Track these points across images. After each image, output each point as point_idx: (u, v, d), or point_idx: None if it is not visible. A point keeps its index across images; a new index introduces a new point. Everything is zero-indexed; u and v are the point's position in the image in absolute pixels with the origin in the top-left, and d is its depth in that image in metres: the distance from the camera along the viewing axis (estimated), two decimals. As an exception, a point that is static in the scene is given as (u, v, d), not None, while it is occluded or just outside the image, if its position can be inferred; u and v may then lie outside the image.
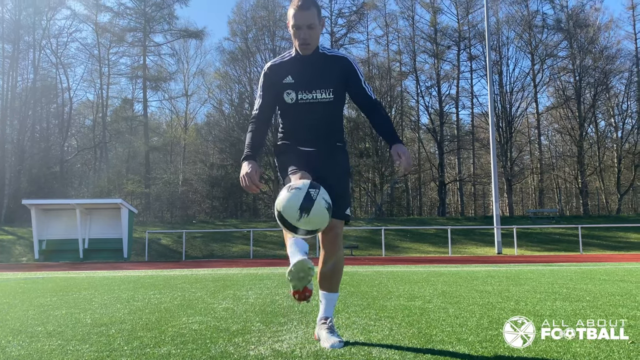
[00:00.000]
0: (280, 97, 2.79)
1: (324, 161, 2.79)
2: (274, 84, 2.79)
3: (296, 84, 2.75)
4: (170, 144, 45.28)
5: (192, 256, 25.75)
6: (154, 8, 44.03)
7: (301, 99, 2.75)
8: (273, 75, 2.80)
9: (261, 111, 2.81)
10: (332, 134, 2.87)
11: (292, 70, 2.78)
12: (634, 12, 41.37)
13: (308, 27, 2.67)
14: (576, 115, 40.59)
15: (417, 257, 21.87)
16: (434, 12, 43.63)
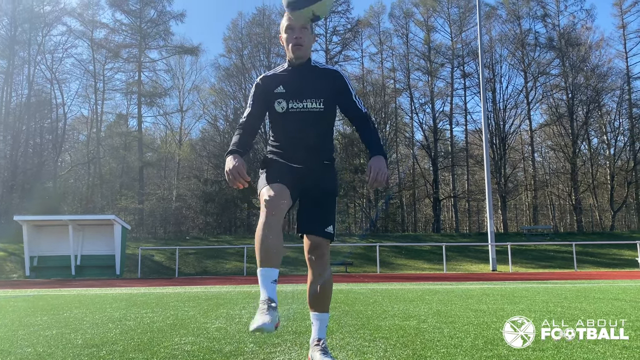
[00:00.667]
0: (271, 107, 2.78)
1: (311, 179, 2.74)
2: (265, 95, 2.79)
3: (287, 93, 2.75)
4: (164, 159, 45.22)
5: (185, 273, 25.54)
6: (149, 24, 44.29)
7: (291, 108, 2.74)
8: (264, 85, 2.80)
9: (248, 119, 2.79)
10: (321, 150, 2.83)
11: (284, 80, 2.79)
12: (624, 31, 42.02)
13: (301, 27, 2.72)
14: (569, 132, 40.92)
15: (412, 274, 21.79)
16: (428, 30, 44.15)
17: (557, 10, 43.52)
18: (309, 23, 2.74)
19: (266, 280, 2.37)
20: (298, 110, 2.74)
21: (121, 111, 45.47)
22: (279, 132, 2.83)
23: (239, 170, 2.47)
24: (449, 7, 44.35)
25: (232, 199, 41.78)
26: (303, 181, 2.72)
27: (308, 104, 2.75)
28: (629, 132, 40.62)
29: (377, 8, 46.05)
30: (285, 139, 2.80)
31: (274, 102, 2.76)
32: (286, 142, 2.80)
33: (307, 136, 2.77)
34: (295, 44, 2.73)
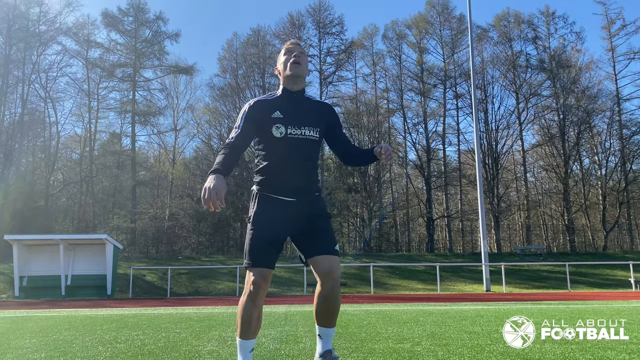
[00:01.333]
0: (267, 132, 2.81)
1: (306, 209, 2.84)
2: (259, 119, 2.83)
3: (285, 118, 2.80)
4: (157, 178, 45.09)
5: (177, 293, 25.28)
6: (144, 44, 44.57)
7: (290, 134, 2.79)
8: (259, 110, 2.85)
9: (237, 140, 2.81)
10: (312, 181, 2.91)
11: (281, 106, 2.85)
12: (613, 53, 42.66)
13: (300, 52, 2.91)
14: (561, 152, 41.25)
15: (406, 295, 21.68)
16: (420, 51, 44.67)
17: (548, 32, 44.25)
18: None
19: (244, 350, 2.68)
20: (296, 136, 2.81)
21: (115, 130, 45.50)
22: (274, 158, 2.83)
23: (217, 192, 2.46)
24: (441, 29, 45.01)
25: (225, 218, 41.63)
26: (296, 218, 2.80)
27: (306, 131, 2.82)
28: (620, 152, 41.00)
29: (371, 30, 46.69)
30: (280, 165, 2.81)
31: (271, 127, 2.80)
32: (281, 168, 2.81)
33: (303, 163, 2.84)
34: (294, 61, 2.86)
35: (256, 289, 2.64)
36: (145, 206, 42.38)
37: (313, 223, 2.82)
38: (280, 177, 2.81)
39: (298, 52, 2.91)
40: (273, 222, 2.76)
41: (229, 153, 2.74)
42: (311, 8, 45.35)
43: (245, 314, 2.62)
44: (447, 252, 41.64)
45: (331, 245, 2.80)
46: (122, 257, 30.84)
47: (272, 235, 2.73)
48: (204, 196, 2.45)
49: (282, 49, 2.99)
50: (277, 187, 2.81)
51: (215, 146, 44.92)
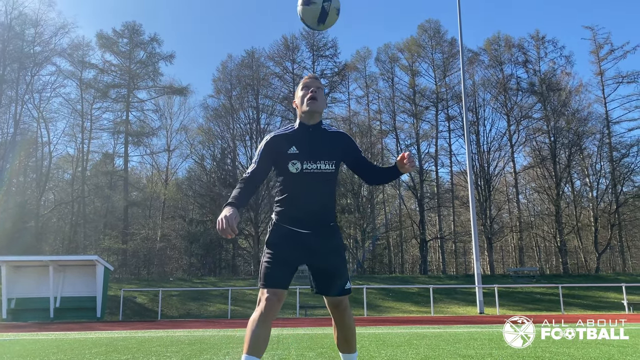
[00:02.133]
0: (284, 168, 2.89)
1: (320, 243, 2.90)
2: (275, 154, 2.92)
3: (301, 154, 2.87)
4: (149, 199, 44.86)
5: (168, 315, 24.96)
6: (139, 65, 44.80)
7: (306, 169, 2.86)
8: (276, 146, 2.92)
9: (253, 175, 2.89)
10: (328, 212, 2.98)
11: (297, 141, 2.91)
12: (602, 77, 43.32)
13: (317, 87, 2.95)
14: (552, 174, 41.54)
15: (400, 317, 21.52)
16: (413, 74, 45.19)
17: (538, 56, 44.94)
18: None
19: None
20: (312, 171, 2.88)
21: (108, 150, 45.41)
22: (290, 192, 2.92)
23: (230, 222, 2.57)
24: (433, 52, 45.61)
25: (217, 239, 41.35)
26: (310, 249, 2.88)
27: (321, 165, 2.89)
28: (610, 174, 41.34)
29: (364, 53, 47.28)
30: (296, 199, 2.91)
31: (287, 163, 2.88)
32: (297, 202, 2.90)
33: (319, 196, 2.92)
34: (311, 97, 2.90)
35: (268, 307, 2.69)
36: (137, 227, 42.09)
37: (327, 260, 2.91)
38: (297, 210, 2.90)
39: (315, 87, 2.95)
40: (287, 249, 2.85)
41: (244, 187, 2.84)
42: (305, 31, 45.89)
43: (255, 330, 2.65)
44: (441, 274, 41.51)
45: (342, 284, 2.93)
46: (113, 279, 30.48)
47: (285, 259, 2.83)
48: (218, 226, 2.57)
49: (300, 84, 3.03)
50: (293, 218, 2.90)
51: (209, 167, 44.93)
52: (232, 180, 42.44)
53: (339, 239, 3.03)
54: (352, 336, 2.99)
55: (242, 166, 43.58)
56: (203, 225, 41.53)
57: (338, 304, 2.92)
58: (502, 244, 48.17)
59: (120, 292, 24.53)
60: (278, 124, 43.79)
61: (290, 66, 45.61)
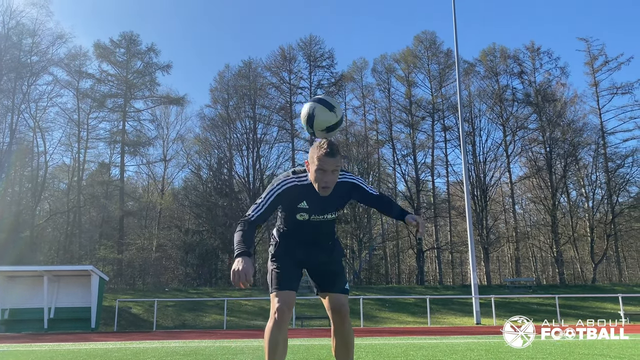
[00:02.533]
0: (291, 215, 3.08)
1: (323, 252, 3.21)
2: (286, 204, 3.05)
3: (310, 209, 3.03)
4: (145, 208, 44.69)
5: (163, 326, 24.77)
6: (136, 75, 44.84)
7: (312, 219, 3.07)
8: (287, 197, 3.00)
9: (257, 218, 2.96)
10: (329, 237, 3.28)
11: (308, 196, 3.01)
12: (596, 88, 43.60)
13: (333, 171, 2.89)
14: (548, 185, 41.64)
15: (397, 328, 21.44)
16: (409, 85, 45.37)
17: (533, 67, 45.22)
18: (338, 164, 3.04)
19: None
20: (318, 220, 3.09)
21: (104, 160, 45.29)
22: (294, 229, 3.16)
23: (246, 274, 2.66)
24: (429, 63, 45.84)
25: (213, 249, 41.22)
26: (313, 259, 3.17)
27: (328, 215, 3.10)
28: (606, 185, 41.46)
29: (360, 64, 47.45)
30: (299, 234, 3.16)
31: (295, 213, 3.06)
32: (300, 236, 3.16)
33: (321, 234, 3.20)
34: (325, 186, 2.92)
35: (281, 315, 2.85)
36: (133, 237, 41.90)
37: (328, 266, 3.19)
38: (300, 240, 3.17)
39: (330, 172, 2.86)
40: (292, 256, 3.11)
41: (248, 230, 2.91)
42: (302, 42, 46.16)
43: (272, 340, 2.79)
44: (437, 284, 41.42)
45: (341, 284, 3.15)
46: (108, 289, 30.28)
47: (292, 264, 3.08)
48: (234, 278, 2.66)
49: (316, 155, 2.84)
50: (296, 243, 3.18)
51: (205, 177, 44.86)
52: (229, 190, 42.39)
53: (340, 250, 3.33)
54: (350, 345, 3.07)
55: (239, 176, 43.56)
56: (199, 235, 41.39)
57: (339, 308, 3.05)
58: (498, 254, 48.14)
59: (115, 303, 24.35)
60: (275, 134, 43.81)
61: (287, 76, 45.80)
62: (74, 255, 38.97)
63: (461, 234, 43.71)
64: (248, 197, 41.37)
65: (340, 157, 2.94)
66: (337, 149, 2.88)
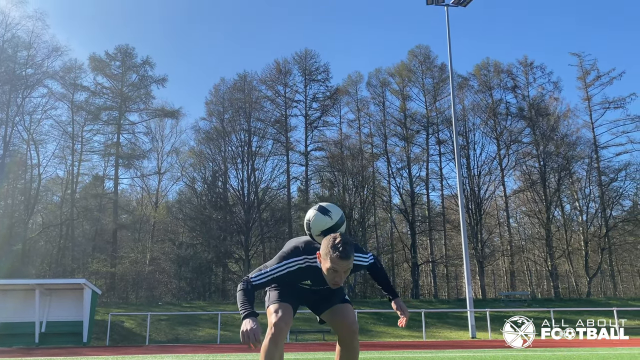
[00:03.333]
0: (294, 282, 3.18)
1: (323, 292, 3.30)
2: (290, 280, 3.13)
3: (313, 283, 3.20)
4: (139, 221, 44.43)
5: (156, 340, 24.51)
6: (131, 88, 44.85)
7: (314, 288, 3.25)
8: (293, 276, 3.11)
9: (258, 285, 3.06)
10: None
11: (314, 277, 3.13)
12: (589, 103, 43.93)
13: (345, 272, 2.94)
14: (542, 198, 41.75)
15: (392, 342, 21.30)
16: (403, 99, 45.62)
17: (526, 82, 45.63)
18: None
19: None
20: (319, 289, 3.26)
21: (98, 173, 45.08)
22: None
23: (255, 334, 2.75)
24: (423, 77, 46.14)
25: (207, 263, 40.96)
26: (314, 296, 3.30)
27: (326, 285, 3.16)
28: (600, 199, 41.63)
29: (355, 77, 47.66)
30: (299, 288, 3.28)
31: (298, 283, 3.19)
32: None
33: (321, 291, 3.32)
34: (334, 284, 2.99)
35: (277, 331, 2.88)
36: (126, 250, 41.60)
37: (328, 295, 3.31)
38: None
39: (342, 272, 2.91)
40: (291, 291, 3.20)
41: (250, 290, 3.01)
42: (297, 56, 46.39)
43: (268, 356, 2.83)
44: (432, 298, 41.26)
45: (342, 296, 3.27)
46: (100, 303, 29.98)
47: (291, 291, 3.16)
48: (243, 339, 2.77)
49: (330, 255, 2.85)
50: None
51: (200, 190, 44.72)
52: (223, 203, 42.26)
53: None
54: (356, 357, 3.22)
55: (234, 189, 43.45)
56: (193, 249, 41.14)
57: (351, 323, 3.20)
58: (493, 268, 48.05)
59: (107, 317, 24.09)
60: (270, 147, 43.79)
61: (282, 90, 45.93)
62: (66, 269, 38.58)
63: (456, 247, 43.70)
64: (242, 210, 41.25)
65: (353, 260, 2.94)
66: (351, 249, 2.88)
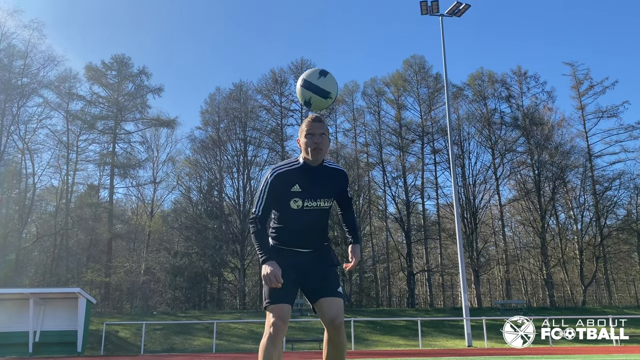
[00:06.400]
0: (285, 204, 3.09)
1: (317, 258, 3.19)
2: (279, 191, 3.08)
3: (303, 192, 3.07)
4: (134, 231, 44.23)
5: (151, 350, 24.34)
6: (127, 97, 44.83)
7: (306, 206, 3.08)
8: (279, 182, 3.08)
9: (263, 212, 3.07)
10: (322, 236, 3.26)
11: (299, 179, 3.08)
12: (583, 112, 44.28)
13: (321, 134, 3.05)
14: (537, 207, 41.89)
15: (388, 351, 21.24)
16: (399, 108, 45.82)
17: (520, 91, 45.94)
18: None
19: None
20: (311, 208, 3.10)
21: (93, 182, 44.92)
22: (289, 225, 3.16)
23: (275, 276, 2.86)
24: (418, 87, 46.39)
25: (202, 272, 40.79)
26: (306, 266, 3.15)
27: (320, 202, 3.12)
28: (594, 207, 41.81)
29: (351, 87, 47.84)
30: (294, 230, 3.14)
31: (289, 200, 3.08)
32: (295, 233, 3.15)
33: (315, 226, 3.17)
34: (315, 148, 3.04)
35: (275, 330, 2.88)
36: (121, 260, 41.37)
37: (319, 270, 3.15)
38: (294, 238, 3.15)
39: (319, 135, 3.06)
40: (287, 267, 3.04)
41: (261, 230, 3.04)
42: (293, 65, 46.57)
43: (267, 355, 2.83)
44: (428, 307, 41.20)
45: (334, 288, 3.13)
46: (95, 313, 29.76)
47: (287, 277, 3.00)
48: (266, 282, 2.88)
49: (304, 125, 3.11)
50: (290, 243, 3.16)
51: (195, 199, 44.64)
52: (219, 212, 42.17)
53: (333, 256, 3.30)
54: (342, 355, 3.06)
55: (229, 198, 43.41)
56: (188, 258, 40.96)
57: (334, 317, 3.01)
58: (489, 277, 48.06)
59: (102, 327, 23.93)
60: (265, 156, 43.90)
61: (278, 99, 46.06)
62: (60, 279, 38.31)
63: (451, 256, 43.70)
64: (238, 219, 41.16)
65: (326, 125, 3.12)
66: (322, 118, 3.12)
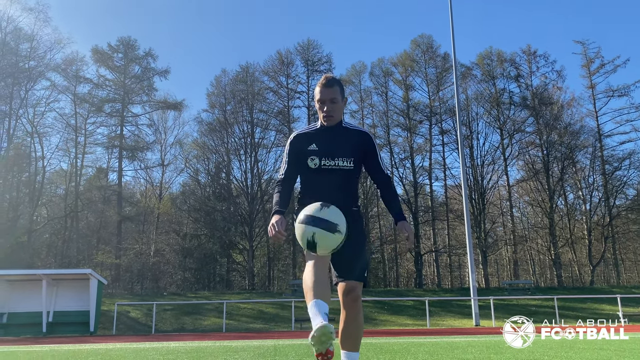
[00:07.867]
0: (304, 163, 3.06)
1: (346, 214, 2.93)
2: (298, 152, 3.08)
3: (320, 151, 3.04)
4: (143, 213, 44.61)
5: (162, 330, 24.71)
6: (133, 80, 44.84)
7: (324, 165, 3.03)
8: (298, 144, 3.10)
9: (286, 175, 3.09)
10: (348, 200, 3.09)
11: (317, 139, 3.08)
12: (593, 91, 43.77)
13: (331, 101, 3.04)
14: (545, 188, 41.72)
15: (396, 330, 21.43)
16: (406, 89, 45.47)
17: (530, 71, 45.42)
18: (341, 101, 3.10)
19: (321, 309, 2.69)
20: (330, 167, 3.03)
21: (101, 165, 45.24)
22: (311, 187, 3.10)
23: (278, 226, 2.80)
24: (426, 67, 45.95)
25: (212, 253, 41.16)
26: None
27: (339, 162, 3.04)
28: (603, 188, 41.58)
29: (359, 67, 47.44)
30: (317, 193, 3.03)
31: (307, 159, 3.05)
32: (317, 196, 2.99)
33: (338, 189, 3.05)
34: (326, 115, 3.05)
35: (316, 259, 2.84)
36: (131, 242, 41.82)
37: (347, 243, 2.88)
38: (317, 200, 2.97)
39: (329, 101, 3.03)
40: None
41: (282, 190, 3.05)
42: (300, 46, 46.25)
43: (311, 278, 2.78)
44: (436, 287, 41.43)
45: (359, 271, 2.97)
46: (106, 294, 30.22)
47: None
48: (270, 234, 2.84)
49: (316, 89, 3.09)
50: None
51: (203, 181, 44.87)
52: (227, 194, 42.38)
53: (361, 225, 3.13)
54: (358, 332, 2.97)
55: (237, 180, 43.58)
56: (197, 240, 41.33)
57: (351, 289, 2.92)
58: (496, 258, 48.15)
59: (113, 307, 24.29)
60: (272, 138, 43.90)
61: (284, 81, 45.84)
62: (71, 261, 38.86)
63: (459, 237, 43.77)
64: (246, 201, 41.36)
65: (339, 89, 3.05)
66: (334, 80, 3.03)
